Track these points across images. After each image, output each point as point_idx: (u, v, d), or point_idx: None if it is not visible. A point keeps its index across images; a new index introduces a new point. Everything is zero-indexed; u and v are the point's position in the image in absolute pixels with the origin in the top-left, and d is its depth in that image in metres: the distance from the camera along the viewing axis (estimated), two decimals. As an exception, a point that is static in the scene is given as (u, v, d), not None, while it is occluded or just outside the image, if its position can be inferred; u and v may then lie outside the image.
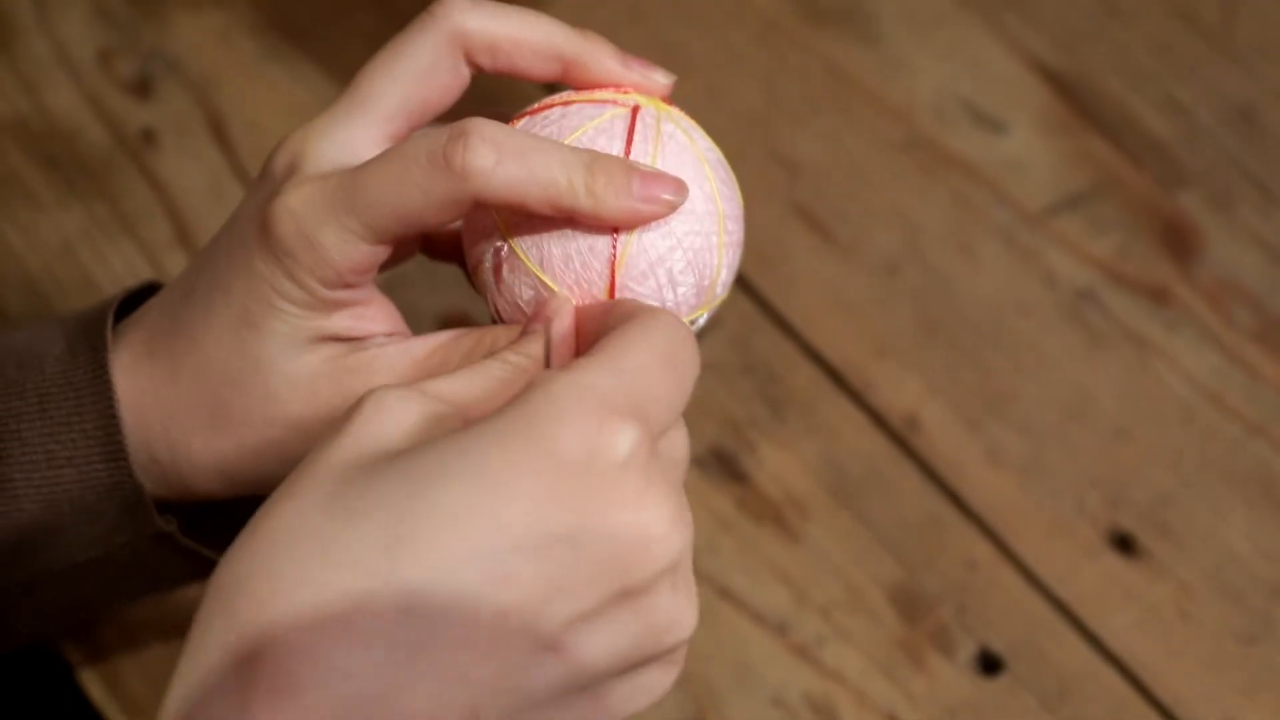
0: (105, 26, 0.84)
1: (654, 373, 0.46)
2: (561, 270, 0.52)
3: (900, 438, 0.74)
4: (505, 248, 0.52)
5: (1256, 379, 0.76)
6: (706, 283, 0.53)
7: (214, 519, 0.59)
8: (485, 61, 0.56)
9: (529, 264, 0.52)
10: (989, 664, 0.69)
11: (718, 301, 0.54)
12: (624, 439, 0.44)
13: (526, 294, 0.52)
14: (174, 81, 0.83)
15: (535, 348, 0.50)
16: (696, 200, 0.52)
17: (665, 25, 0.85)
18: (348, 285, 0.53)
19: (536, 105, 0.55)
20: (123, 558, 0.57)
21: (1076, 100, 0.84)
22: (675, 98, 0.56)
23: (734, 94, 0.84)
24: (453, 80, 0.55)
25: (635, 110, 0.53)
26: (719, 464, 0.73)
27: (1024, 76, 0.84)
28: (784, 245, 0.79)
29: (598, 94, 0.55)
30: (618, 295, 0.52)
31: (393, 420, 0.45)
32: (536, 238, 0.52)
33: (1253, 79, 0.84)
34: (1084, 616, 0.70)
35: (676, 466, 0.47)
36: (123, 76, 0.83)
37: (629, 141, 0.53)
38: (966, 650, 0.69)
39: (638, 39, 0.85)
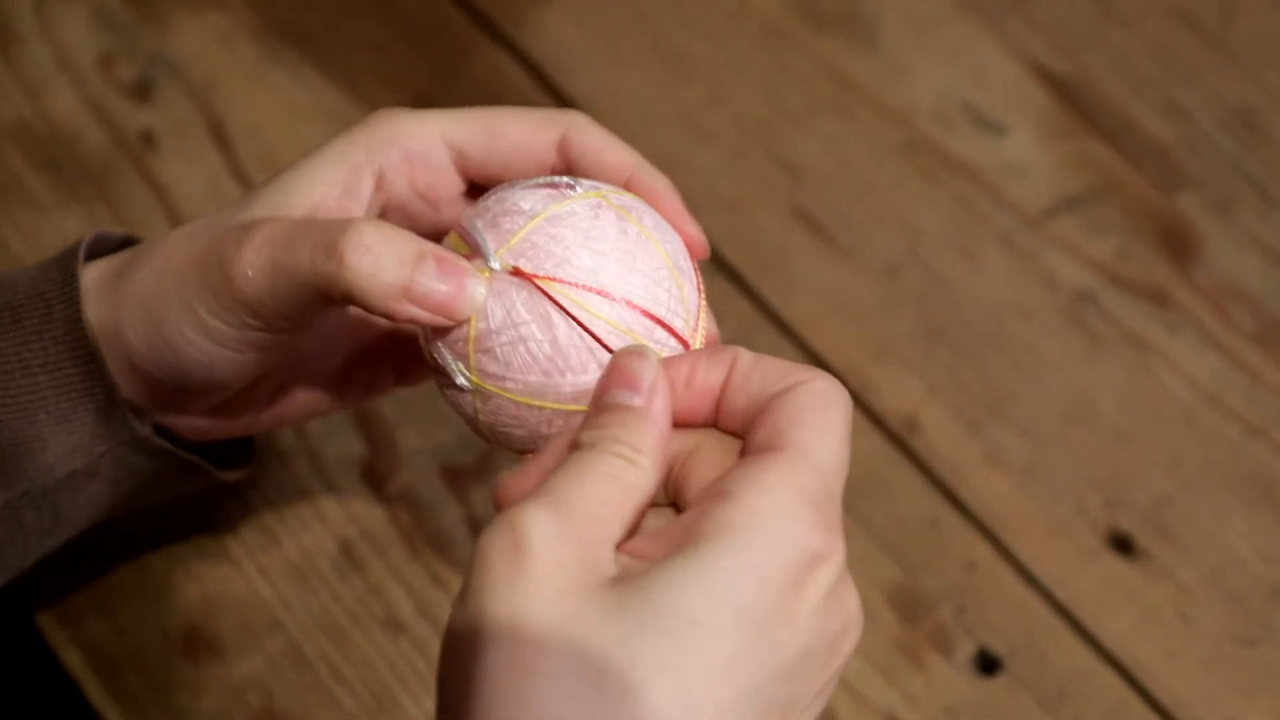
0: (106, 30, 0.84)
1: (845, 459, 0.48)
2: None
3: (900, 439, 0.74)
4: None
5: (1256, 381, 0.76)
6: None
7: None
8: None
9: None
10: (988, 665, 0.69)
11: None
12: (840, 546, 0.47)
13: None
14: (174, 85, 0.83)
15: (654, 436, 0.48)
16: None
17: (667, 29, 0.86)
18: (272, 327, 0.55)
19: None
20: (105, 470, 0.59)
21: (1077, 104, 0.84)
22: (677, 101, 0.56)
23: (735, 98, 0.84)
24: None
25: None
26: (718, 465, 0.73)
27: (1024, 80, 0.84)
28: (785, 248, 0.79)
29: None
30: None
31: (578, 558, 0.45)
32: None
33: (1252, 82, 0.84)
34: (1083, 618, 0.70)
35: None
36: (123, 80, 0.83)
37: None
38: (965, 651, 0.69)
39: (639, 44, 0.85)
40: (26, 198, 0.80)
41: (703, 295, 0.56)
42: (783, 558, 0.45)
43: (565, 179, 0.55)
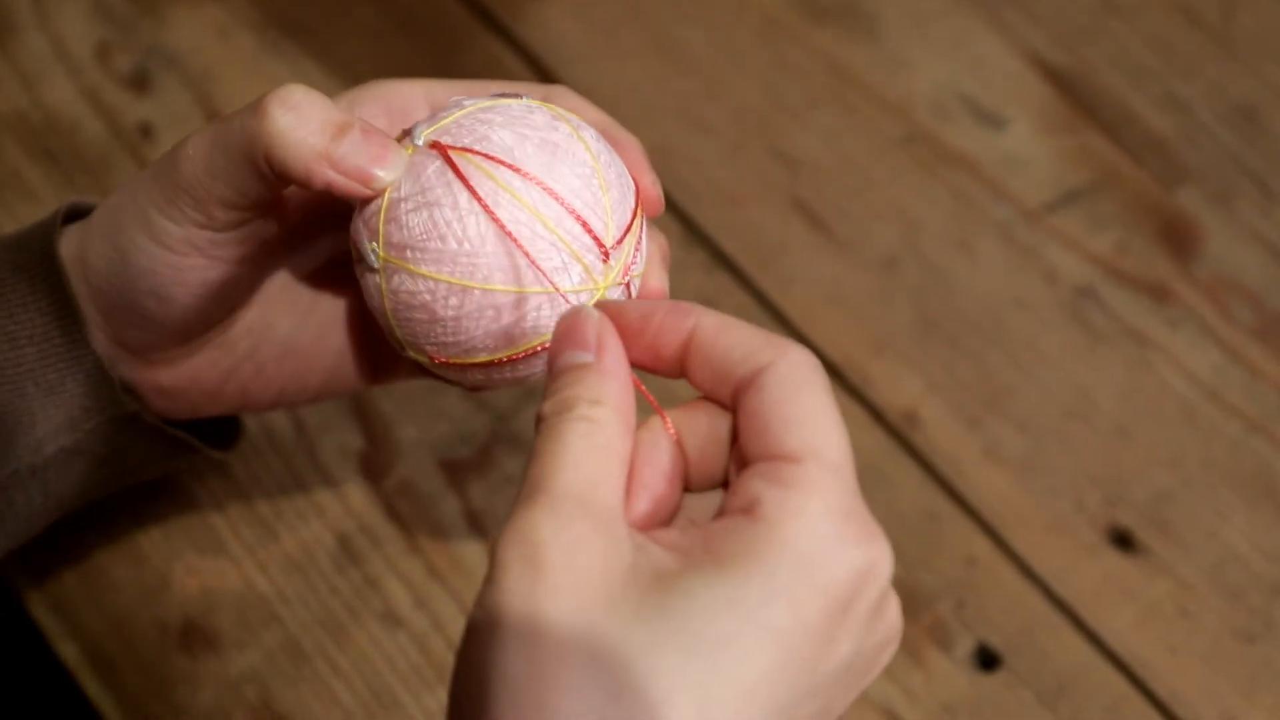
0: (103, 21, 0.84)
1: (844, 433, 0.47)
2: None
3: (899, 434, 0.74)
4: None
5: (1256, 377, 0.76)
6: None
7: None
8: None
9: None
10: (987, 660, 0.69)
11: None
12: (886, 553, 0.46)
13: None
14: (172, 76, 0.83)
15: (611, 388, 0.47)
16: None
17: (666, 22, 0.85)
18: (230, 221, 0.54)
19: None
20: (94, 448, 0.59)
21: (1076, 97, 0.84)
22: (675, 93, 0.55)
23: (734, 90, 0.83)
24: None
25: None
26: (717, 459, 0.73)
27: (1024, 73, 0.84)
28: (783, 241, 0.79)
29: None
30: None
31: (595, 555, 0.44)
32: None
33: (1253, 76, 0.84)
34: (1083, 613, 0.70)
35: None
36: (121, 71, 0.83)
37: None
38: (965, 646, 0.69)
39: (638, 35, 0.85)
40: (23, 188, 0.79)
41: (641, 233, 0.54)
42: (824, 579, 0.44)
43: (520, 93, 0.54)
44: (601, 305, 0.49)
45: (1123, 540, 0.72)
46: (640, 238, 0.54)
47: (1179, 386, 0.76)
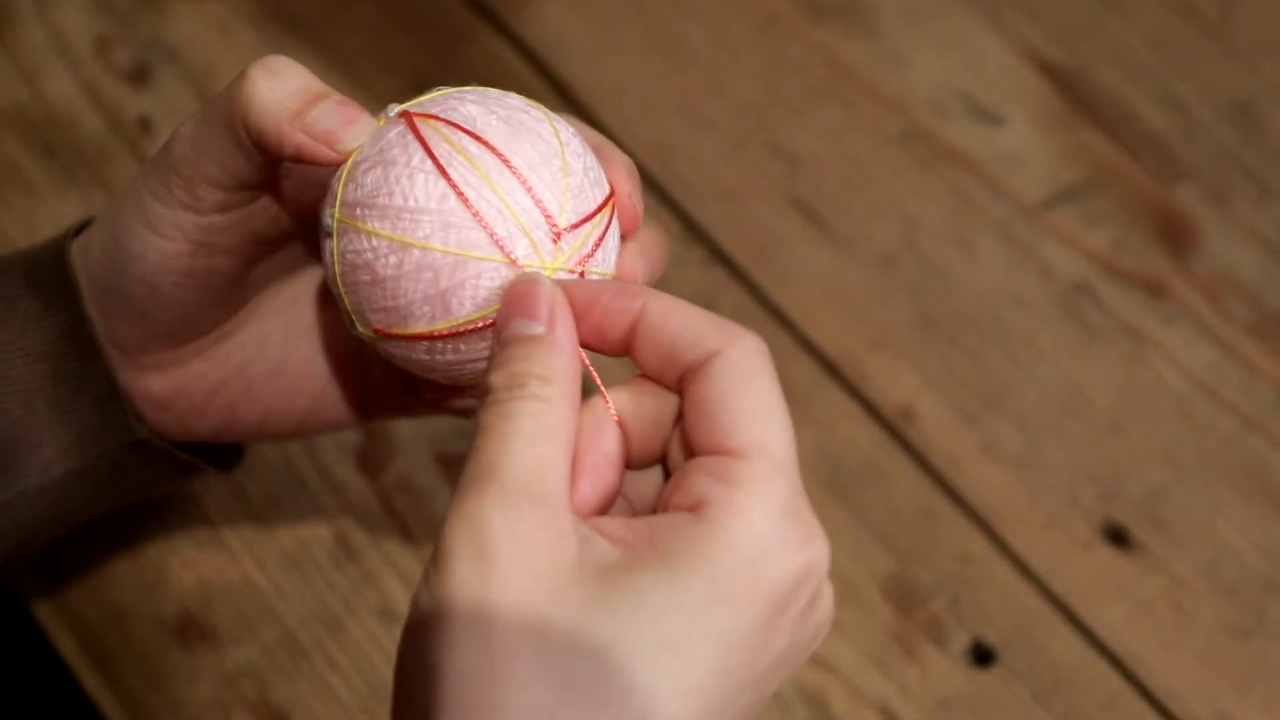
0: (103, 15, 0.84)
1: (789, 426, 0.47)
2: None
3: (895, 430, 0.74)
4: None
5: (1252, 373, 0.76)
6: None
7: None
8: None
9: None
10: (982, 656, 0.69)
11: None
12: (823, 551, 0.46)
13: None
14: (172, 71, 0.83)
15: (560, 363, 0.47)
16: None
17: (665, 17, 0.85)
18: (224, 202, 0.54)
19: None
20: (100, 473, 0.59)
21: (1074, 94, 0.84)
22: (674, 89, 0.55)
23: (733, 86, 0.84)
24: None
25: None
26: (714, 455, 0.73)
27: (1021, 70, 0.84)
28: (781, 237, 0.79)
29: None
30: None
31: (542, 547, 0.44)
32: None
33: (1250, 73, 0.84)
34: (1078, 609, 0.70)
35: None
36: (121, 65, 0.83)
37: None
38: (960, 642, 0.69)
39: (638, 31, 0.85)
40: (22, 183, 0.79)
41: (606, 230, 0.52)
42: (765, 582, 0.45)
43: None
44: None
45: (1118, 537, 0.72)
46: (604, 235, 0.52)
47: (1175, 383, 0.76)
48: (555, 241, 0.50)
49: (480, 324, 0.50)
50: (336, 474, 0.72)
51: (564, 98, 0.83)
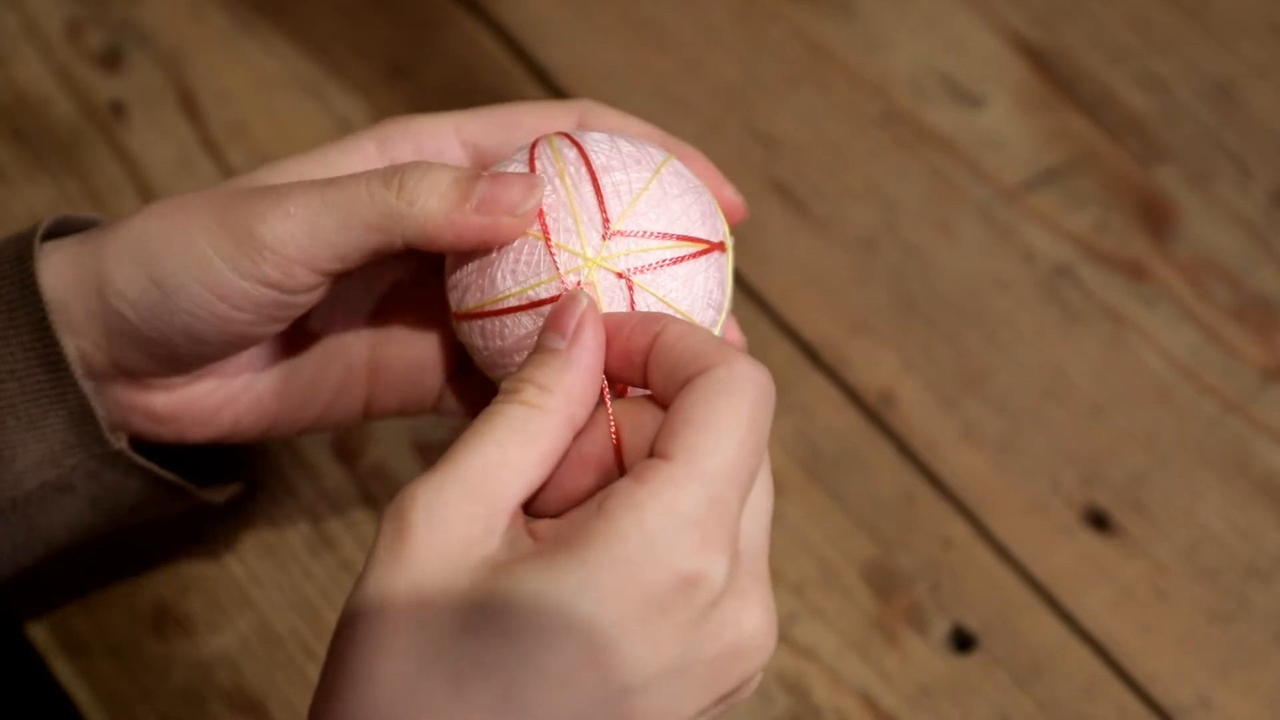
0: (75, -2, 0.84)
1: (744, 456, 0.46)
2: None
3: (875, 415, 0.74)
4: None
5: (1233, 356, 0.76)
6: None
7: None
8: None
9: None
10: (962, 641, 0.69)
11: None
12: (719, 568, 0.45)
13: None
14: (144, 54, 0.82)
15: (568, 380, 0.48)
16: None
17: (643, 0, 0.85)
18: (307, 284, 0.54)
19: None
20: (79, 485, 0.57)
21: (1054, 75, 0.83)
22: (652, 72, 0.55)
23: (711, 69, 0.83)
24: None
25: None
26: (692, 441, 0.73)
27: (1002, 51, 0.84)
28: (760, 221, 0.79)
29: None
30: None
31: (458, 539, 0.45)
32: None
33: (1231, 54, 0.84)
34: (1058, 594, 0.70)
35: (761, 553, 0.48)
36: (92, 49, 0.82)
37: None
38: (940, 628, 0.69)
39: (615, 13, 0.84)
40: (-6, 168, 0.79)
41: (699, 261, 0.54)
42: (644, 579, 0.44)
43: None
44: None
45: (1098, 521, 0.72)
46: (681, 264, 0.53)
47: (1156, 366, 0.76)
48: (604, 239, 0.51)
49: (514, 304, 0.52)
50: (313, 462, 0.71)
51: (541, 81, 0.82)
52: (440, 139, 0.56)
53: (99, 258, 0.54)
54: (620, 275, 0.52)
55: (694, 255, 0.53)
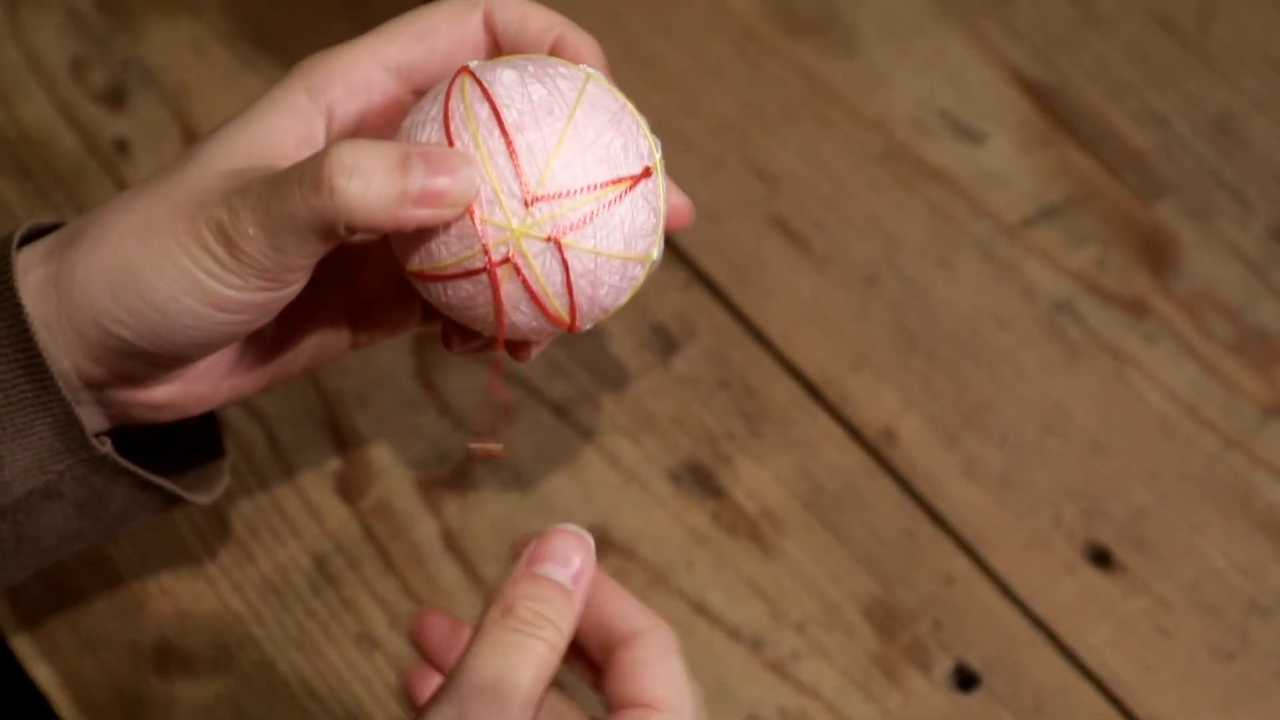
0: (79, 36, 0.84)
1: (697, 702, 0.56)
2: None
3: (877, 451, 0.74)
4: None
5: (1234, 391, 0.76)
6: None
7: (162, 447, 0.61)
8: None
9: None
10: (965, 679, 0.69)
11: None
12: None
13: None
14: (148, 92, 0.82)
15: (569, 621, 0.54)
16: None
17: (643, 35, 0.85)
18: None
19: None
20: (67, 491, 0.58)
21: (1055, 111, 0.84)
22: (653, 107, 0.56)
23: (712, 104, 0.83)
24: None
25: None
26: (694, 478, 0.73)
27: (1002, 87, 0.84)
28: (761, 257, 0.79)
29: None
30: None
31: None
32: None
33: (1230, 89, 0.84)
34: (1061, 631, 0.70)
35: None
36: (96, 86, 0.83)
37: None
38: (943, 666, 0.69)
39: (616, 48, 0.84)
40: (-3, 205, 0.79)
41: (603, 207, 0.54)
42: None
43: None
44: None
45: (1100, 557, 0.72)
46: (598, 212, 0.53)
47: (1156, 402, 0.76)
48: (527, 206, 0.52)
49: (453, 271, 0.53)
50: (315, 499, 0.71)
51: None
52: (365, 70, 0.57)
53: (85, 286, 0.55)
54: (549, 239, 0.53)
55: (620, 196, 0.54)
